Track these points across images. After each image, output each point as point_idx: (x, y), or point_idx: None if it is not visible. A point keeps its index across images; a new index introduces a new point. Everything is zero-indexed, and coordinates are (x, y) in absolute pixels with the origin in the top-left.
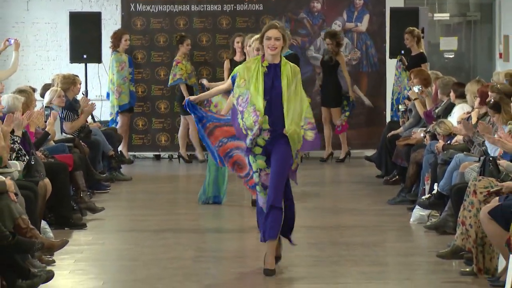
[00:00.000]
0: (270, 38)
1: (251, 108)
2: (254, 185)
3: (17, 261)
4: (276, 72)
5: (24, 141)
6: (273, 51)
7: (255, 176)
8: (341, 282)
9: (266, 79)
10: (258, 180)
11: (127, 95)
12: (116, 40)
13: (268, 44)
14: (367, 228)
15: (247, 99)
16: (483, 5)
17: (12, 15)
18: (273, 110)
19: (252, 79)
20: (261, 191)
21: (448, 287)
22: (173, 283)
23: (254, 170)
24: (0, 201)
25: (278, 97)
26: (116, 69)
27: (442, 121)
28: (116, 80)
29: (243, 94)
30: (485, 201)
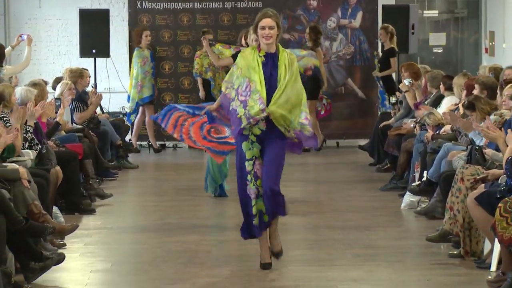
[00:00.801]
0: (264, 28)
1: (256, 95)
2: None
3: (30, 244)
4: (273, 61)
5: (36, 131)
6: (268, 40)
7: (248, 165)
8: (336, 264)
9: (265, 69)
10: (251, 169)
11: (148, 88)
12: (138, 37)
13: (262, 34)
14: (360, 213)
15: (248, 87)
16: (470, 3)
17: (25, 12)
18: (269, 101)
19: (252, 68)
20: (251, 180)
21: (436, 269)
22: (177, 265)
23: (248, 158)
24: (14, 188)
25: (275, 86)
26: (139, 64)
27: (431, 112)
28: (139, 75)
29: (242, 83)
30: (472, 188)
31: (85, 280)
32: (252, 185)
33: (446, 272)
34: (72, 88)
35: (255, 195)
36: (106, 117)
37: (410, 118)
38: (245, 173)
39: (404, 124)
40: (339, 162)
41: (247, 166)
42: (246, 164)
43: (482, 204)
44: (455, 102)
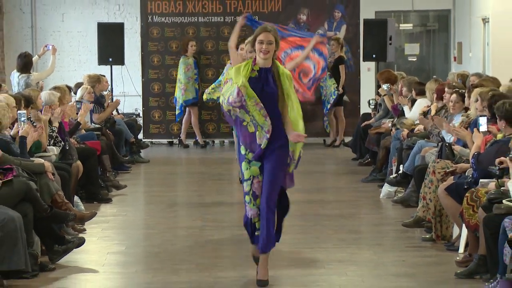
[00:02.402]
0: (262, 42)
1: (253, 101)
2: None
3: (54, 230)
4: (267, 76)
5: (60, 130)
6: (265, 55)
7: (246, 185)
8: (323, 247)
9: (256, 84)
10: (249, 189)
11: (191, 92)
12: (184, 46)
13: (260, 48)
14: (344, 202)
15: (239, 94)
16: (440, 17)
17: (50, 26)
18: None
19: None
20: (250, 201)
21: (411, 251)
22: (183, 248)
23: (246, 179)
24: (40, 180)
25: (269, 102)
26: (183, 70)
27: (402, 121)
28: (183, 80)
29: (233, 91)
30: (442, 180)
31: (102, 261)
32: (252, 205)
33: (420, 253)
34: (91, 92)
35: (257, 215)
36: (121, 117)
37: (388, 119)
38: (244, 194)
39: (383, 124)
40: (326, 157)
41: (245, 187)
42: (244, 184)
43: (451, 194)
44: (427, 105)
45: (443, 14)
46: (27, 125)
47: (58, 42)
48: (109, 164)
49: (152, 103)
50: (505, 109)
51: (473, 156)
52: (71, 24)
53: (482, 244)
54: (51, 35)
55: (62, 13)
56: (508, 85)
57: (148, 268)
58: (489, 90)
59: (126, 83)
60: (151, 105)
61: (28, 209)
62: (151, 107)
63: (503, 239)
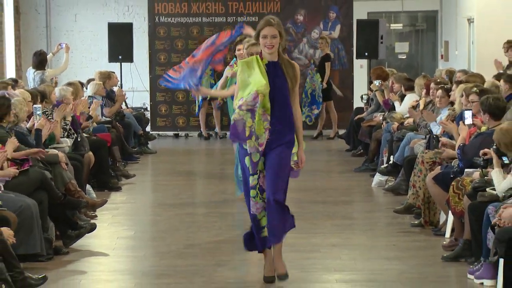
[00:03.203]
0: (266, 36)
1: (262, 111)
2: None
3: (67, 216)
4: (275, 70)
5: (73, 123)
6: (271, 50)
7: (252, 179)
8: (318, 232)
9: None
10: (256, 183)
11: (207, 87)
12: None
13: (264, 43)
14: (338, 190)
15: (255, 99)
16: (428, 18)
17: (64, 25)
18: (275, 110)
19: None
20: (256, 195)
21: (401, 235)
22: (188, 234)
23: (252, 173)
24: (54, 169)
25: (279, 96)
26: None
27: (392, 115)
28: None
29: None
30: (430, 169)
31: (112, 245)
32: (258, 199)
33: (409, 238)
34: (102, 88)
35: (263, 209)
36: (130, 111)
37: (379, 113)
38: (248, 189)
39: (374, 117)
40: (321, 149)
41: (252, 181)
42: (250, 179)
43: (438, 183)
44: (415, 99)
45: (431, 15)
46: (42, 119)
47: (71, 41)
48: (119, 154)
49: (159, 98)
50: (489, 104)
51: (458, 147)
52: (83, 24)
53: (467, 230)
54: (65, 34)
55: (75, 14)
56: (492, 81)
57: (156, 252)
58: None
59: (135, 79)
60: (158, 100)
61: (43, 197)
62: (158, 101)
63: (486, 225)
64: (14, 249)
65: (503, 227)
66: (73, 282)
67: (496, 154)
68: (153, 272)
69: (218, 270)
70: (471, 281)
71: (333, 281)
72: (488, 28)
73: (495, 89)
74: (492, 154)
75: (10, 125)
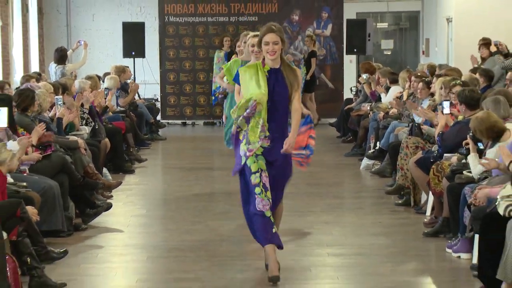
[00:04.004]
0: (268, 43)
1: (260, 121)
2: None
3: (86, 196)
4: (277, 77)
5: (91, 112)
6: (273, 56)
7: (254, 178)
8: (311, 211)
9: (268, 85)
10: (259, 181)
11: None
12: (220, 42)
13: (267, 49)
14: (330, 172)
15: (253, 108)
16: (411, 17)
17: (82, 24)
18: (275, 116)
19: (254, 81)
20: (261, 193)
21: (386, 214)
22: (195, 212)
23: (254, 171)
24: (74, 154)
25: (278, 103)
26: (215, 62)
27: (378, 105)
28: (214, 70)
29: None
30: (413, 153)
31: (127, 222)
32: (263, 196)
33: (393, 216)
34: (117, 80)
35: (269, 206)
36: (142, 102)
37: (367, 103)
38: (252, 187)
39: (362, 107)
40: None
41: (254, 180)
42: (252, 177)
43: (420, 166)
44: (399, 91)
45: (413, 15)
46: (63, 108)
47: (89, 38)
48: (132, 141)
49: (168, 90)
50: (465, 95)
51: (438, 134)
52: (100, 23)
53: (445, 208)
54: (83, 32)
55: (93, 14)
56: (468, 75)
57: (165, 229)
58: (451, 79)
59: (147, 73)
60: (167, 92)
61: (64, 179)
62: (167, 93)
63: (463, 204)
64: (38, 226)
65: (478, 206)
66: (91, 255)
67: (472, 141)
68: (163, 247)
69: (222, 245)
70: (449, 255)
71: (325, 254)
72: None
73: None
74: (469, 140)
75: (34, 114)
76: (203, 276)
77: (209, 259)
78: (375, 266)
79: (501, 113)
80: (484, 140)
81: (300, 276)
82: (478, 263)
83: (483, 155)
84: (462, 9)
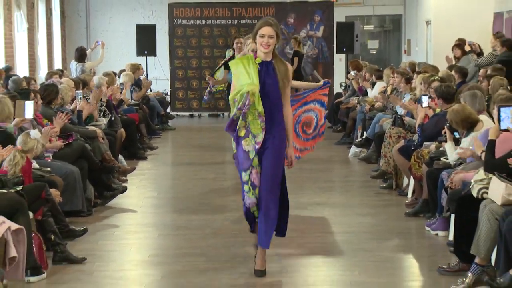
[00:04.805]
0: (264, 36)
1: (256, 112)
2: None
3: (103, 180)
4: (267, 70)
5: (108, 105)
6: (266, 49)
7: (244, 175)
8: (305, 193)
9: (258, 77)
10: (248, 179)
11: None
12: (232, 42)
13: (261, 42)
14: (321, 159)
15: (247, 101)
16: (394, 20)
17: (100, 27)
18: (266, 108)
19: (245, 73)
20: (249, 190)
21: (372, 196)
22: (201, 194)
23: (244, 168)
24: (93, 142)
25: (269, 95)
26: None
27: (365, 99)
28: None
29: (244, 97)
30: (396, 142)
31: (140, 203)
32: (251, 194)
33: (378, 198)
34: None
35: (255, 204)
36: (154, 96)
37: (355, 97)
38: (242, 183)
39: (351, 101)
40: None
41: (244, 177)
42: (243, 174)
43: (402, 153)
44: (383, 86)
45: (396, 18)
46: (83, 102)
47: (106, 39)
48: (145, 131)
49: (177, 85)
50: (442, 90)
51: (418, 125)
52: (116, 25)
53: (425, 191)
54: (101, 33)
55: (109, 17)
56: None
57: (174, 209)
58: (430, 76)
59: (158, 70)
60: (176, 87)
61: (84, 164)
62: (176, 88)
63: (441, 187)
64: (61, 207)
65: (454, 189)
66: (108, 233)
67: (449, 130)
68: (172, 225)
69: (225, 224)
70: (428, 232)
71: (318, 232)
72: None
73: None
74: (446, 130)
75: (57, 106)
76: (208, 251)
77: (214, 237)
78: (361, 242)
79: (477, 106)
80: (460, 130)
81: (296, 251)
82: (454, 240)
83: (459, 143)
84: (440, 13)
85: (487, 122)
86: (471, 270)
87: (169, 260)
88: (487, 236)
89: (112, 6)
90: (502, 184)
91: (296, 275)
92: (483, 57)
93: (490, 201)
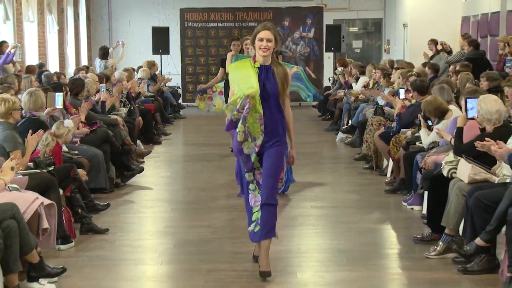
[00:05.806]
0: (262, 40)
1: (257, 115)
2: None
3: (123, 161)
4: (267, 73)
5: (127, 96)
6: (265, 53)
7: (248, 176)
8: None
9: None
10: (253, 179)
11: None
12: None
13: (260, 45)
14: (312, 144)
15: (247, 104)
16: (375, 23)
17: (120, 28)
18: (266, 111)
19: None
20: (255, 189)
21: (356, 175)
22: (209, 173)
23: (247, 170)
24: (114, 129)
25: (268, 99)
26: None
27: (350, 91)
28: None
29: (242, 99)
30: (377, 129)
31: (155, 181)
32: (257, 192)
33: (362, 177)
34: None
35: (259, 203)
36: (167, 89)
37: (342, 90)
38: (246, 183)
39: (338, 93)
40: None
41: (248, 177)
42: (246, 175)
43: (382, 138)
44: (366, 80)
45: (378, 21)
46: (105, 94)
47: (126, 39)
48: (159, 119)
49: (187, 79)
50: (416, 84)
51: (396, 114)
52: (135, 27)
53: (402, 171)
54: (122, 34)
55: (129, 20)
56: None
57: (185, 186)
58: (407, 71)
59: (170, 66)
60: (187, 81)
61: (107, 148)
62: (187, 82)
63: (416, 168)
64: (87, 185)
65: (427, 169)
66: (128, 207)
67: (423, 119)
68: (183, 201)
69: (229, 200)
70: (405, 207)
71: (309, 207)
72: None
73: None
74: (420, 118)
75: (83, 98)
76: (214, 223)
77: (220, 211)
78: (347, 215)
79: (445, 97)
80: (432, 118)
81: (290, 223)
82: (427, 213)
83: (431, 129)
84: (415, 17)
85: (456, 111)
86: (441, 239)
87: (181, 231)
88: (456, 210)
89: (131, 10)
90: (469, 165)
91: (290, 243)
92: (452, 55)
93: (458, 180)
